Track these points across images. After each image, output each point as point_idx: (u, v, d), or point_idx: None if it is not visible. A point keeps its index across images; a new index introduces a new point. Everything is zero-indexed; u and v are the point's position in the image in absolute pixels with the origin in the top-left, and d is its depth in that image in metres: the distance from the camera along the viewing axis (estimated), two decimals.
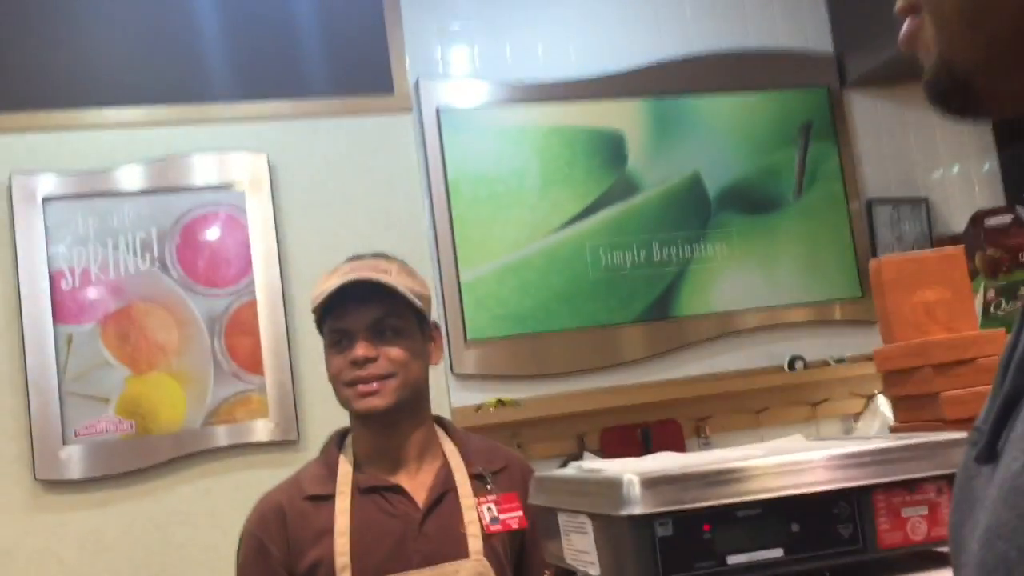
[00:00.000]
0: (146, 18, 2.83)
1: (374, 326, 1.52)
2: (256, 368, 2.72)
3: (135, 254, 2.69)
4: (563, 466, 1.96)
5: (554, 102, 3.08)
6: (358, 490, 1.53)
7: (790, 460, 0.93)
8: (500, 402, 2.83)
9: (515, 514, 1.57)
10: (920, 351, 1.18)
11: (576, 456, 2.83)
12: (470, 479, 1.57)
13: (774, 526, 0.91)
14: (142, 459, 2.61)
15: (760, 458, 0.94)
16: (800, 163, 3.23)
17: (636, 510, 0.89)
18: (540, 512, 1.17)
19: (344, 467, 1.56)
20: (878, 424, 2.91)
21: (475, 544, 1.51)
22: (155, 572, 2.58)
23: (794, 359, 3.07)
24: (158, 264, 2.71)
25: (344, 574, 1.46)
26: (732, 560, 0.90)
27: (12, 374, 2.58)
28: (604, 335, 3.01)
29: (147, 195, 2.72)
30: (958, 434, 0.97)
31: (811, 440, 1.19)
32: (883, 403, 2.90)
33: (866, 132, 3.36)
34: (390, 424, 1.54)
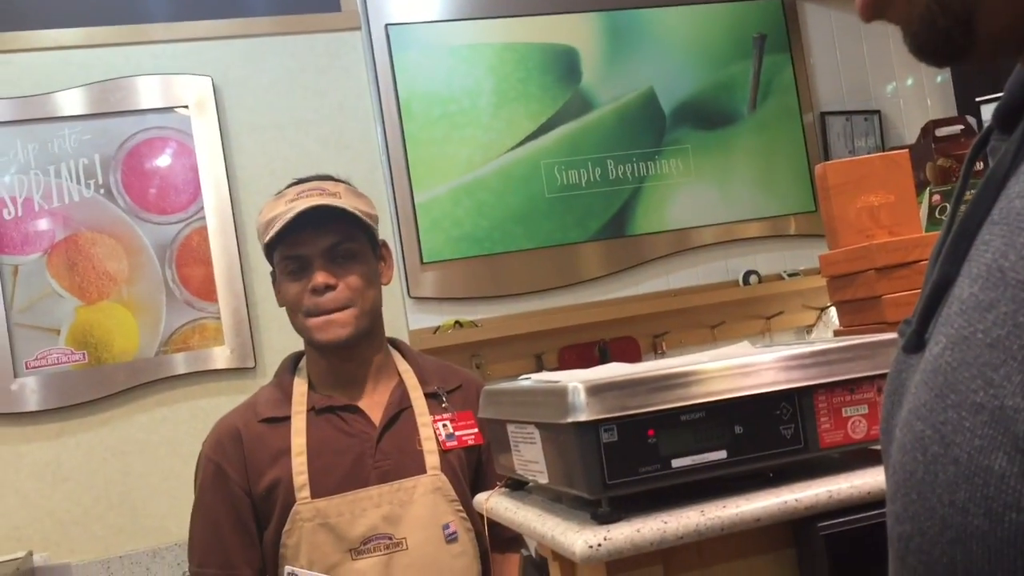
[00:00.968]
0: None
1: (330, 251, 1.51)
2: (209, 295, 2.68)
3: (79, 181, 2.62)
4: None
5: (506, 17, 3.02)
6: (314, 411, 1.53)
7: (732, 364, 0.94)
8: (458, 323, 2.83)
9: (471, 431, 1.58)
10: (863, 255, 1.19)
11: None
12: (426, 398, 1.58)
13: (717, 429, 0.92)
14: (97, 389, 2.59)
15: (703, 363, 0.94)
16: (755, 76, 3.21)
17: (581, 417, 0.89)
18: (491, 425, 1.17)
19: (299, 389, 1.56)
20: (830, 335, 2.96)
21: (432, 460, 1.52)
22: (115, 501, 2.59)
23: (748, 273, 3.09)
24: (103, 191, 2.64)
25: (302, 492, 1.47)
26: (676, 463, 0.91)
27: None
28: (561, 254, 3.01)
29: (88, 119, 2.64)
30: (894, 334, 0.98)
31: (757, 347, 1.20)
32: (835, 315, 2.95)
33: (820, 44, 3.34)
34: (348, 349, 1.54)
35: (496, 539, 1.56)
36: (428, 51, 2.95)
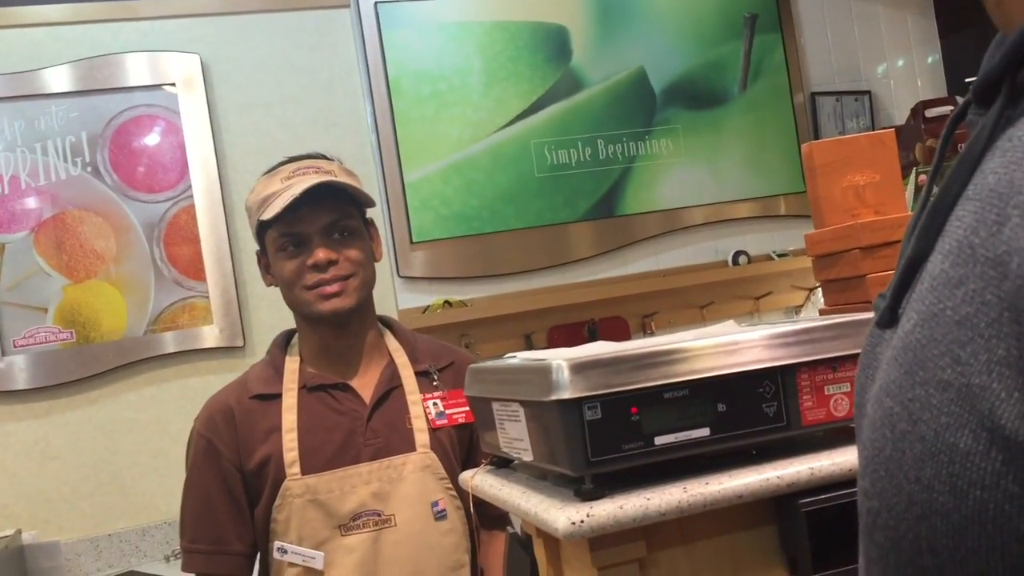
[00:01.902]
0: None
1: (329, 228, 1.50)
2: (198, 274, 2.68)
3: (65, 159, 2.61)
4: None
5: None
6: (305, 388, 1.53)
7: (716, 342, 0.94)
8: (447, 303, 2.83)
9: (461, 409, 1.58)
10: (848, 234, 1.19)
11: None
12: (416, 376, 1.58)
13: (700, 406, 0.93)
14: (85, 367, 2.58)
15: (686, 341, 0.95)
16: (745, 56, 3.20)
17: (565, 394, 0.89)
18: (476, 403, 1.18)
19: (291, 366, 1.56)
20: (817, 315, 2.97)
21: (422, 438, 1.52)
22: (104, 480, 2.59)
23: (738, 254, 3.10)
24: (90, 169, 2.63)
25: (293, 469, 1.47)
26: (659, 441, 0.92)
27: None
28: (550, 234, 3.01)
29: (75, 97, 2.63)
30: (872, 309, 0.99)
31: (742, 325, 1.21)
32: (823, 294, 2.95)
33: (811, 24, 3.33)
34: (342, 325, 1.54)
35: (484, 517, 1.57)
36: (417, 29, 2.93)
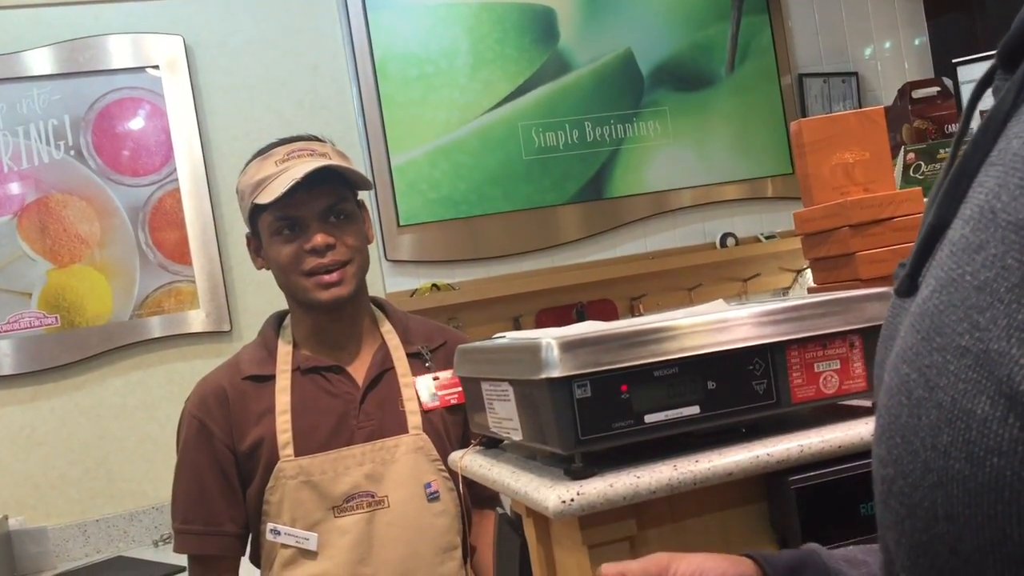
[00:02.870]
0: None
1: (326, 212, 1.49)
2: (184, 258, 2.66)
3: (48, 143, 2.58)
4: None
5: None
6: (298, 370, 1.52)
7: (705, 320, 0.94)
8: (435, 286, 2.82)
9: (454, 390, 1.58)
10: (838, 211, 1.19)
11: None
12: (409, 358, 1.57)
13: (690, 384, 0.92)
14: (71, 352, 2.56)
15: (675, 319, 0.94)
16: (733, 38, 3.19)
17: (554, 373, 0.89)
18: (465, 383, 1.17)
19: (284, 348, 1.55)
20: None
21: (414, 420, 1.52)
22: (91, 465, 2.58)
23: (725, 236, 3.10)
24: (73, 152, 2.60)
25: (286, 450, 1.47)
26: (649, 419, 0.91)
27: None
28: (539, 217, 3.00)
29: (57, 79, 2.60)
30: (869, 290, 0.98)
31: (730, 304, 1.20)
32: (812, 276, 2.96)
33: (798, 6, 3.32)
34: (337, 309, 1.53)
35: (475, 497, 1.56)
36: (404, 11, 2.91)
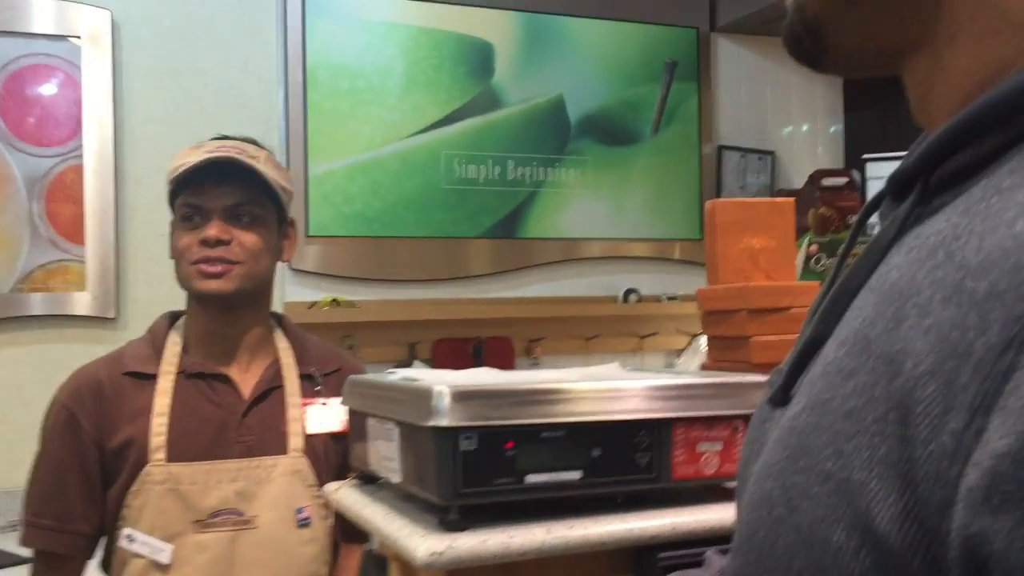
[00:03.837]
0: None
1: (232, 209, 1.45)
2: (76, 237, 2.56)
3: None
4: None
5: (427, 1, 2.98)
6: (183, 374, 1.47)
7: (597, 387, 0.95)
8: (335, 301, 2.78)
9: (340, 418, 1.55)
10: (739, 295, 1.22)
11: (406, 364, 2.83)
12: (300, 379, 1.53)
13: (575, 449, 0.93)
14: None
15: (569, 382, 0.95)
16: (661, 100, 3.27)
17: (443, 422, 0.88)
18: (352, 415, 1.15)
19: (172, 349, 1.50)
20: (698, 361, 3.04)
21: (295, 442, 1.48)
22: None
23: (629, 291, 3.15)
24: None
25: (157, 454, 1.41)
26: (531, 479, 0.91)
27: None
28: (449, 246, 3.00)
29: None
30: (758, 376, 1.01)
31: (627, 370, 1.22)
32: (705, 343, 3.03)
33: (727, 79, 3.43)
34: (228, 311, 1.49)
35: (346, 530, 1.53)
36: (343, 22, 2.89)
